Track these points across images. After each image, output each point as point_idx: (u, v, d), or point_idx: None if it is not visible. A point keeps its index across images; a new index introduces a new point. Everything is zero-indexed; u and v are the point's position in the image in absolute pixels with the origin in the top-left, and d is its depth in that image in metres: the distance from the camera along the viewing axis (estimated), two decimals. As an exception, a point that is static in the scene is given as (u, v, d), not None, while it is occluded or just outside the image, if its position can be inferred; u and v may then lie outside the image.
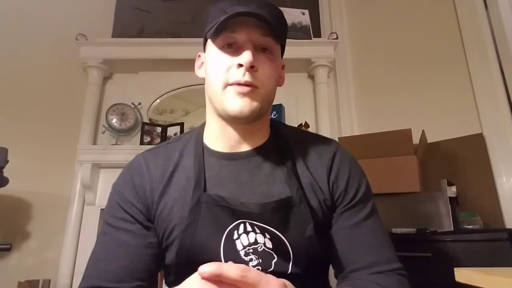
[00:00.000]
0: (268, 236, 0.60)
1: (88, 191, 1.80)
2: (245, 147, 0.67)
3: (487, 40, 1.60)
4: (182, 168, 0.66)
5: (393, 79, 1.92)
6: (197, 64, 0.72)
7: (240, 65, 0.59)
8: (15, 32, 2.18)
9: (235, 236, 0.59)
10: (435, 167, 1.59)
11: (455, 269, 0.51)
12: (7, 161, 1.51)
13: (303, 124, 1.84)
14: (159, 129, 1.92)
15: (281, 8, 0.66)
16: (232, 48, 0.61)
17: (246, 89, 0.59)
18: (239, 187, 0.63)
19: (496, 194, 1.44)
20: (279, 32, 0.63)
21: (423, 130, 1.55)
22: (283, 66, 0.72)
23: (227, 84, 0.60)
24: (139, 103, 1.97)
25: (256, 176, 0.64)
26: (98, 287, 0.58)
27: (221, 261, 0.59)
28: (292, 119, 1.92)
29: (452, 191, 1.38)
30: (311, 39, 2.01)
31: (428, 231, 1.27)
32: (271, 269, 0.59)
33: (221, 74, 0.60)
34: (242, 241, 0.59)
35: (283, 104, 1.89)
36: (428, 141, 1.61)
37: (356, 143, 1.60)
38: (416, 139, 1.50)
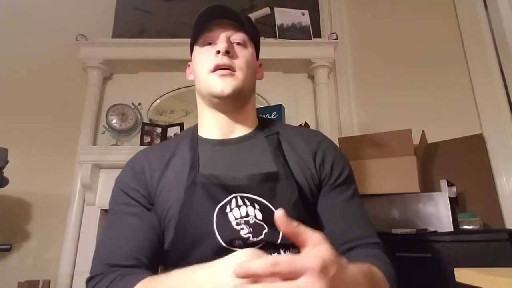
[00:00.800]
0: (257, 207, 0.64)
1: (88, 191, 1.79)
2: (235, 135, 0.75)
3: (487, 40, 1.60)
4: (178, 155, 0.73)
5: (393, 79, 1.92)
6: (187, 71, 0.84)
7: (218, 52, 0.70)
8: (15, 32, 2.18)
9: (228, 210, 0.64)
10: (435, 167, 1.59)
11: (455, 269, 0.51)
12: (7, 161, 1.51)
13: (303, 124, 1.84)
14: (159, 130, 1.92)
15: (281, 9, 0.74)
16: (212, 45, 0.73)
17: (225, 71, 0.69)
18: (231, 167, 0.69)
19: (496, 195, 1.44)
20: (250, 28, 0.75)
21: (423, 131, 1.55)
22: (260, 65, 0.82)
23: (210, 71, 0.70)
24: (139, 104, 1.97)
25: (246, 158, 0.71)
26: (114, 265, 0.61)
27: (214, 231, 0.62)
28: (292, 119, 1.92)
29: (452, 191, 1.38)
30: (311, 39, 2.00)
31: (428, 231, 1.27)
32: (261, 237, 0.63)
33: (205, 64, 0.72)
34: (234, 214, 0.64)
35: (283, 104, 1.88)
36: (428, 142, 1.61)
37: (356, 143, 1.60)
38: (416, 140, 1.50)
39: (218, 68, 0.69)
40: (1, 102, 2.04)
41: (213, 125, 0.75)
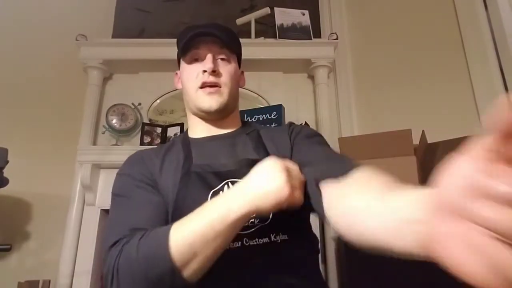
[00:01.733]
0: None
1: (88, 191, 1.79)
2: (221, 133, 0.83)
3: (487, 40, 1.60)
4: (172, 151, 0.79)
5: (393, 79, 1.92)
6: (175, 79, 0.91)
7: (205, 71, 0.77)
8: (15, 32, 2.18)
9: (221, 194, 0.68)
10: (435, 167, 1.58)
11: (455, 269, 0.51)
12: (7, 161, 1.52)
13: (303, 124, 1.84)
14: (159, 130, 1.92)
15: (281, 9, 0.75)
16: (198, 61, 0.80)
17: (212, 89, 0.77)
18: (221, 156, 0.77)
19: (496, 195, 1.43)
20: (231, 44, 0.82)
21: (423, 131, 1.55)
22: (242, 72, 0.90)
23: (198, 88, 0.78)
24: (139, 104, 1.97)
25: (233, 150, 0.78)
26: (139, 228, 0.61)
27: None
28: (292, 120, 1.90)
29: (452, 191, 1.37)
30: (311, 39, 2.00)
31: (428, 231, 1.27)
32: (254, 216, 0.65)
33: (193, 81, 0.78)
34: None
35: (283, 104, 1.88)
36: (428, 142, 1.61)
37: (356, 143, 1.60)
38: (416, 140, 1.50)
39: (205, 85, 0.77)
40: (1, 102, 2.05)
41: (201, 129, 0.83)
